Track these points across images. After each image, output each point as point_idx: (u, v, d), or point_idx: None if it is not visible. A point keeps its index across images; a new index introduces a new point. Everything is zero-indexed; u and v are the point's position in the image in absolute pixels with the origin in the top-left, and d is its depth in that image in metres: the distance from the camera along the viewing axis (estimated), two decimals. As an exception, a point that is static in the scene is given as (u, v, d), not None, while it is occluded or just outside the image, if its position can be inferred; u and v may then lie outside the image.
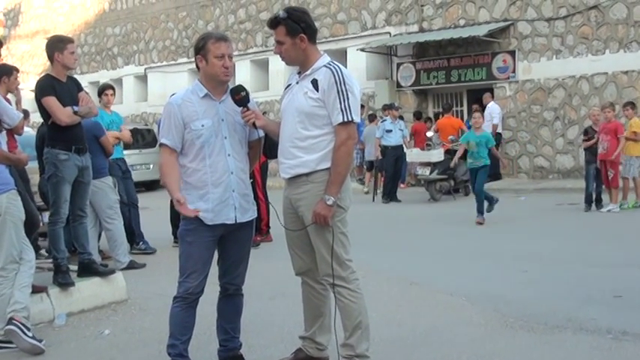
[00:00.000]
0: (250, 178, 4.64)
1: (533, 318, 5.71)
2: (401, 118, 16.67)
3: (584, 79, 17.01)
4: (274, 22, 4.35)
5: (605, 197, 12.38)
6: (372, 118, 18.41)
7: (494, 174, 17.62)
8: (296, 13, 4.36)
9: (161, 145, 4.41)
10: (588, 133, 12.64)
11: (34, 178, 7.73)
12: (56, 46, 6.42)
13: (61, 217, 6.48)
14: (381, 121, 16.28)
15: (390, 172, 15.68)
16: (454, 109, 18.68)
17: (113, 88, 9.87)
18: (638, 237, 9.63)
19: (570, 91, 17.21)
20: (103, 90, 9.58)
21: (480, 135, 11.80)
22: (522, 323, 5.60)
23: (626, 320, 5.52)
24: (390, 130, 15.64)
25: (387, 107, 16.63)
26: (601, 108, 13.04)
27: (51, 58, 6.43)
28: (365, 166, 18.14)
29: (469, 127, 16.97)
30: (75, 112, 6.41)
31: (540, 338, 5.23)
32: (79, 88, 6.68)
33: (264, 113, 5.52)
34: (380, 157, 15.83)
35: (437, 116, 18.82)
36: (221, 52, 4.32)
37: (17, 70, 7.21)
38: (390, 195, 15.42)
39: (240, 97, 4.36)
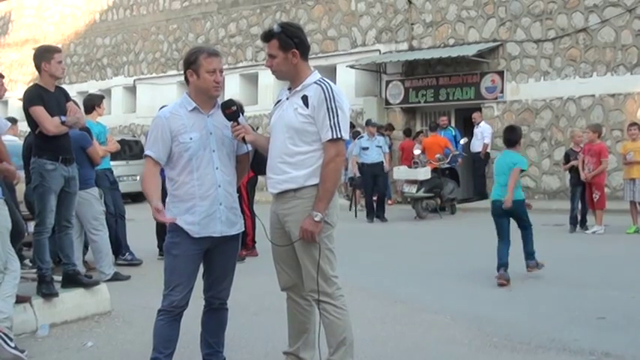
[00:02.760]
0: (237, 193, 4.64)
1: (517, 338, 5.73)
2: (381, 134, 16.41)
3: (572, 101, 17.13)
4: (268, 36, 4.38)
5: (590, 219, 12.44)
6: (355, 134, 18.41)
7: (480, 193, 17.70)
8: (290, 28, 4.39)
9: (145, 156, 4.42)
10: (570, 155, 12.70)
11: (20, 187, 7.69)
12: (43, 55, 6.41)
13: (46, 228, 6.45)
14: (358, 138, 15.87)
15: (368, 191, 15.42)
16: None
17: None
18: (622, 259, 9.67)
19: (557, 112, 17.32)
20: (100, 101, 9.64)
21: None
22: (506, 343, 5.61)
23: (609, 341, 5.55)
24: (367, 148, 15.20)
25: (366, 124, 16.13)
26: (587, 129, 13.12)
27: (38, 67, 6.43)
28: (347, 183, 18.08)
29: (456, 146, 17.05)
30: (62, 122, 6.39)
31: (524, 358, 5.24)
32: (67, 98, 6.67)
33: (257, 128, 5.54)
34: (357, 175, 15.52)
35: (418, 134, 18.82)
36: (213, 67, 4.34)
37: (2, 76, 7.20)
38: (376, 213, 15.09)
39: (231, 111, 4.38)
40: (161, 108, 4.70)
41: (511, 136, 8.46)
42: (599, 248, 10.66)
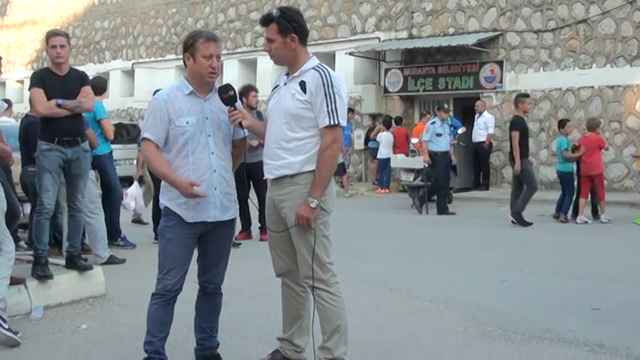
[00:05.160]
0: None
1: (511, 327, 5.73)
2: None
3: (571, 92, 17.11)
4: (267, 20, 4.35)
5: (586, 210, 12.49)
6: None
7: (485, 184, 17.67)
8: (289, 12, 4.36)
9: (144, 139, 4.37)
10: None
11: (16, 169, 7.68)
12: (45, 41, 6.64)
13: (44, 207, 6.48)
14: (430, 123, 14.39)
15: (442, 181, 14.18)
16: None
17: None
18: (618, 250, 9.69)
19: (556, 103, 17.30)
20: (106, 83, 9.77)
21: None
22: (500, 332, 5.62)
23: (603, 333, 5.56)
24: (441, 134, 14.06)
25: (438, 108, 14.78)
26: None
27: None
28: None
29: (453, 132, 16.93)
30: (58, 105, 6.45)
31: (518, 348, 5.24)
32: (83, 82, 6.71)
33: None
34: (428, 164, 14.15)
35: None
36: (209, 52, 4.30)
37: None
38: (423, 201, 14.12)
39: (228, 96, 4.36)
40: (155, 92, 4.66)
41: (560, 124, 13.20)
42: (596, 240, 10.67)
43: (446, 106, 15.85)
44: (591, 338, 5.40)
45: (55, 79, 6.55)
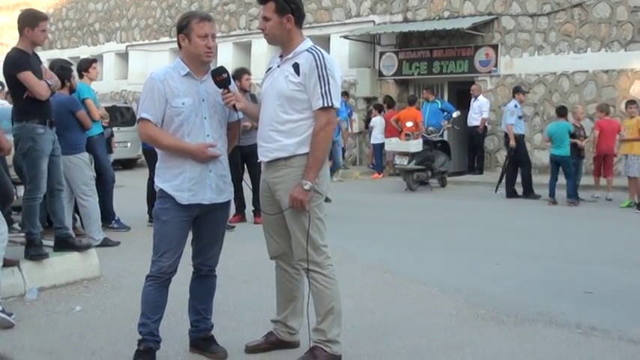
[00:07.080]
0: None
1: (504, 310, 5.75)
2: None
3: (565, 76, 17.11)
4: None
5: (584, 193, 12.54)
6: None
7: (479, 167, 17.68)
8: None
9: (141, 120, 4.34)
10: (574, 130, 12.98)
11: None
12: (28, 21, 6.31)
13: (40, 192, 6.43)
14: (514, 106, 13.99)
15: (528, 164, 14.08)
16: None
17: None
18: (613, 234, 9.73)
19: (551, 87, 17.30)
20: (91, 64, 9.56)
21: None
22: (493, 315, 5.64)
23: (595, 316, 5.59)
24: (521, 117, 14.15)
25: (516, 90, 14.49)
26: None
27: (21, 31, 6.33)
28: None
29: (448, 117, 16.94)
30: (49, 86, 6.41)
31: (510, 330, 5.27)
32: (40, 62, 6.65)
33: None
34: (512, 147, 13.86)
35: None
36: (204, 31, 4.29)
37: None
38: (529, 190, 13.75)
39: (222, 78, 4.34)
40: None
41: (562, 111, 13.02)
42: (591, 223, 10.72)
43: (523, 88, 15.60)
44: (584, 321, 5.43)
45: (30, 60, 6.37)
